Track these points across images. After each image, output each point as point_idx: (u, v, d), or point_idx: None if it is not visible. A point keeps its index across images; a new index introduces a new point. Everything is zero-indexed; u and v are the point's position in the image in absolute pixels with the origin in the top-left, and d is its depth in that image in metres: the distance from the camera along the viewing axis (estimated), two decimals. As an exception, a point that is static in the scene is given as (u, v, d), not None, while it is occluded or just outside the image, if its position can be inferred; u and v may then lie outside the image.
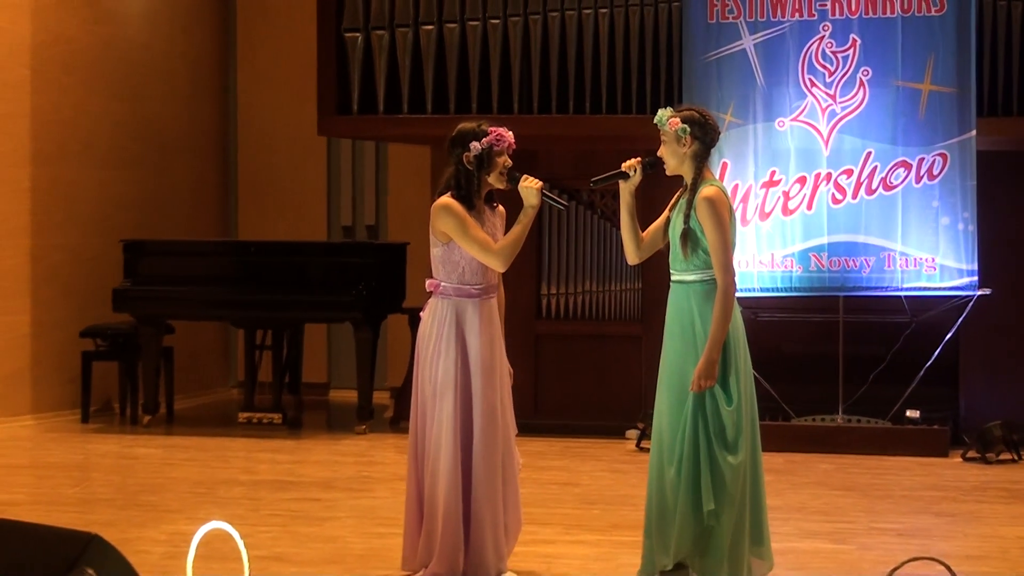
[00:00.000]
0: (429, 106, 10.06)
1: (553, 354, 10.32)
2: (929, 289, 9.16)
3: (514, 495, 5.89)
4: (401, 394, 10.15)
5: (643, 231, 5.76)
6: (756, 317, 9.46)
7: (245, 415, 10.36)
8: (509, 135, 5.80)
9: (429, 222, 5.79)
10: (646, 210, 6.01)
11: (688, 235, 5.55)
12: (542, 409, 10.21)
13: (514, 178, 5.77)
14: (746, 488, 5.55)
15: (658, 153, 5.68)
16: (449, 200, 5.74)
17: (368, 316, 10.06)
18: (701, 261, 5.56)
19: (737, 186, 9.27)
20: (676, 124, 5.59)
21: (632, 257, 5.81)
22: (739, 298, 5.80)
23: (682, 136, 5.59)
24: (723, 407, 5.51)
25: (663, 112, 5.66)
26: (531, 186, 5.73)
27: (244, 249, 10.56)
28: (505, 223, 5.93)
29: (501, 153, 5.76)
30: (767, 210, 9.29)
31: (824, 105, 9.24)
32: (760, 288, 9.32)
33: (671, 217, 5.71)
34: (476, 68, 9.97)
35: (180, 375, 11.11)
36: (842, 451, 9.20)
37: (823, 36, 9.25)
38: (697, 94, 9.26)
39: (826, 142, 9.24)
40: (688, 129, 5.59)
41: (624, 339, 10.18)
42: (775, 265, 9.29)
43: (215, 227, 12.40)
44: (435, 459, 5.71)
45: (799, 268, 9.26)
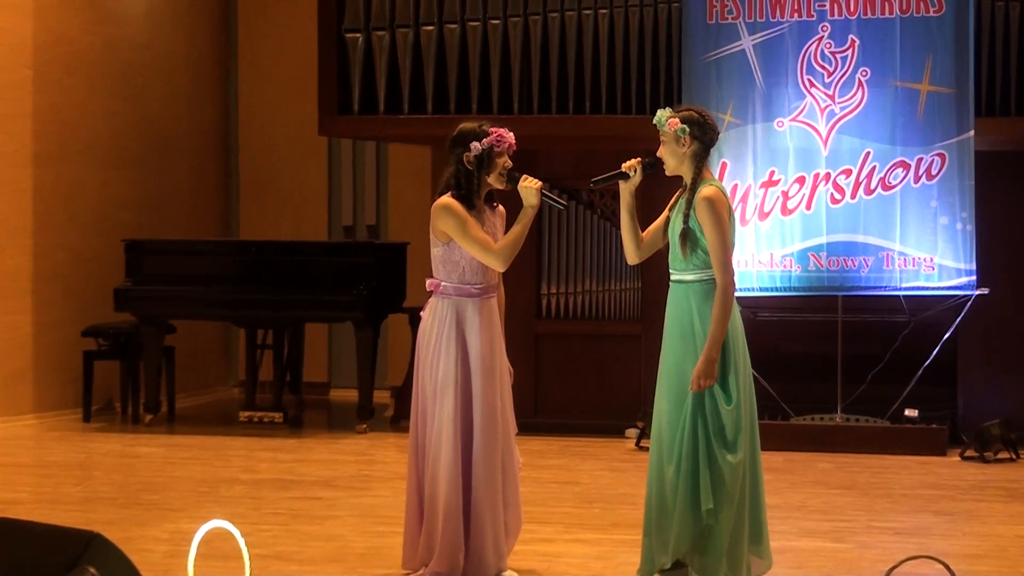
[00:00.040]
0: (429, 106, 10.06)
1: (553, 353, 10.32)
2: (927, 289, 9.16)
3: (514, 494, 5.88)
4: (401, 393, 10.14)
5: (643, 231, 5.76)
6: (755, 317, 9.45)
7: (246, 414, 10.36)
8: (510, 136, 5.79)
9: (429, 222, 5.78)
10: (646, 210, 6.01)
11: (687, 235, 5.55)
12: (542, 408, 10.21)
13: (513, 178, 5.76)
14: (745, 487, 5.54)
15: (657, 153, 5.67)
16: (449, 200, 5.73)
17: (369, 315, 10.05)
18: (700, 261, 5.56)
19: (736, 186, 9.26)
20: (675, 124, 5.59)
21: (632, 257, 5.80)
22: (738, 298, 5.80)
23: (681, 136, 5.59)
24: (722, 406, 5.50)
25: (662, 113, 5.65)
26: (530, 186, 5.72)
27: (245, 249, 10.55)
28: (505, 223, 5.92)
29: (501, 154, 5.75)
30: (766, 210, 9.29)
31: (823, 105, 9.25)
32: (759, 288, 9.32)
33: (671, 217, 5.70)
34: (476, 68, 9.97)
35: (181, 374, 11.10)
36: (841, 450, 9.20)
37: (822, 37, 9.26)
38: (696, 94, 9.26)
39: (825, 142, 9.25)
40: (687, 129, 5.58)
41: (624, 338, 10.17)
42: (774, 265, 9.29)
43: (216, 227, 12.39)
44: (435, 458, 5.70)
45: (798, 268, 9.26)
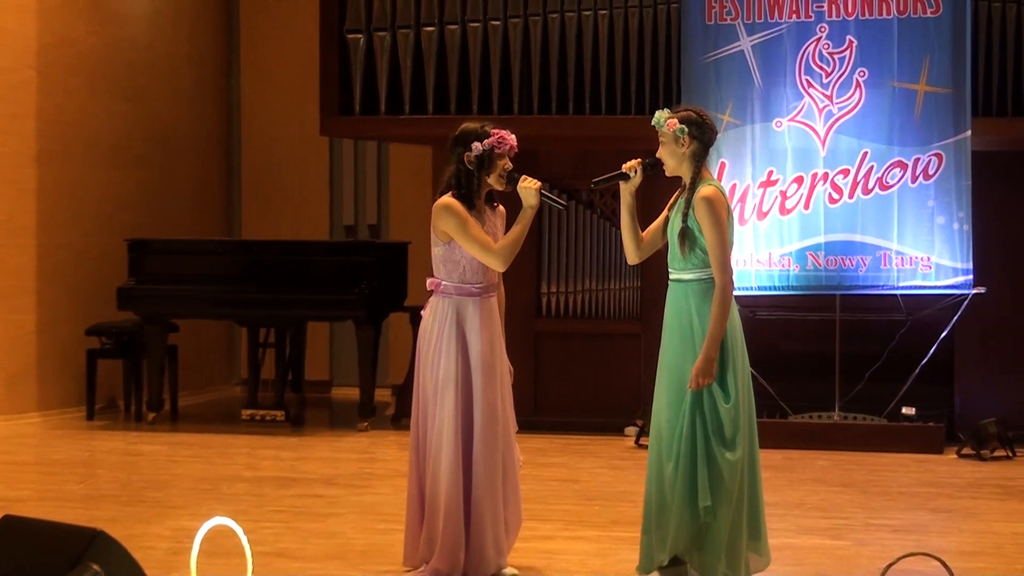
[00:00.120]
0: (430, 106, 10.06)
1: (553, 352, 10.32)
2: (924, 288, 9.18)
3: (514, 492, 5.89)
4: (403, 391, 10.14)
5: (643, 231, 5.77)
6: (754, 315, 9.46)
7: (248, 412, 10.37)
8: (511, 138, 5.79)
9: (430, 221, 5.79)
10: (646, 210, 6.02)
11: (686, 234, 5.57)
12: (542, 406, 10.20)
13: (513, 179, 5.76)
14: (744, 484, 5.56)
15: (657, 154, 5.69)
16: (450, 200, 5.74)
17: (370, 314, 10.06)
18: (699, 260, 5.58)
19: (735, 186, 9.27)
20: (674, 125, 5.61)
21: (632, 257, 5.82)
22: (737, 297, 5.82)
23: (680, 136, 5.61)
24: (721, 404, 5.52)
25: (661, 113, 5.67)
26: (530, 186, 5.73)
27: (247, 248, 10.55)
28: (505, 223, 5.93)
29: (503, 155, 5.75)
30: (765, 209, 9.31)
31: (821, 106, 9.26)
32: (758, 287, 9.33)
33: (670, 216, 5.72)
34: (477, 69, 9.97)
35: (184, 373, 11.11)
36: (839, 448, 9.21)
37: (820, 37, 9.27)
38: (696, 95, 9.26)
39: (823, 142, 9.27)
40: (686, 129, 5.60)
41: (623, 337, 10.17)
42: (772, 264, 9.31)
43: (218, 226, 12.40)
44: (436, 456, 5.71)
45: (796, 267, 9.27)
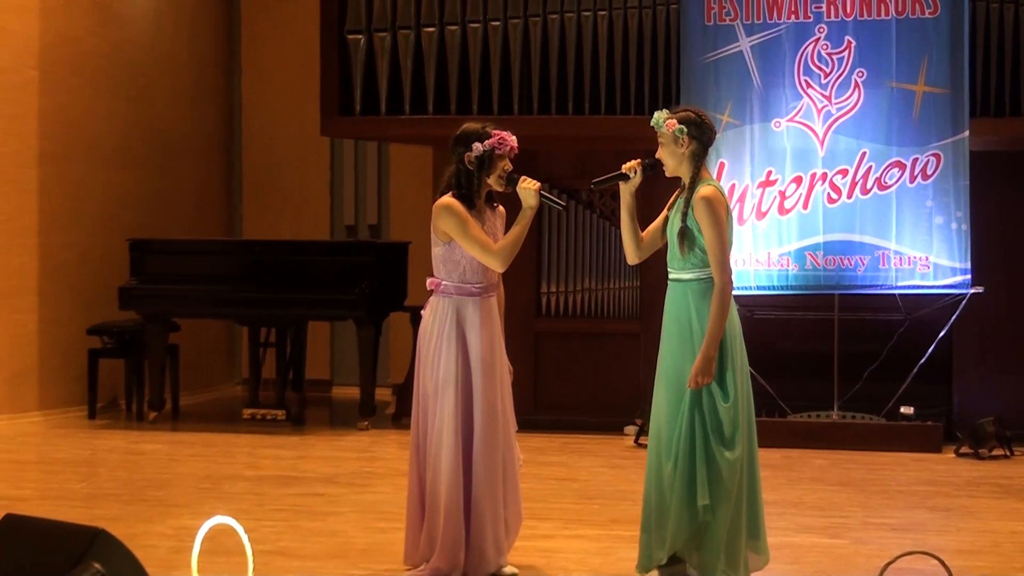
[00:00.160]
0: (430, 107, 10.08)
1: (553, 351, 10.33)
2: (923, 287, 9.19)
3: (514, 491, 5.90)
4: (403, 391, 10.14)
5: (643, 231, 5.79)
6: (753, 315, 9.48)
7: (249, 411, 10.39)
8: (512, 140, 5.80)
9: (430, 221, 5.80)
10: (645, 210, 6.04)
11: (685, 234, 5.59)
12: (542, 405, 10.21)
13: (512, 180, 5.78)
14: (743, 483, 5.58)
15: (656, 155, 5.71)
16: (451, 200, 5.75)
17: (370, 314, 10.08)
18: (698, 259, 5.60)
19: (734, 186, 9.29)
20: (673, 125, 5.63)
21: (632, 257, 5.84)
22: (736, 296, 5.84)
23: (679, 137, 5.63)
24: (720, 403, 5.54)
25: (659, 114, 5.69)
26: (529, 187, 5.74)
27: (248, 248, 10.56)
28: (505, 223, 5.94)
29: (503, 157, 5.76)
30: (763, 209, 9.32)
31: (820, 106, 9.28)
32: (756, 286, 9.34)
33: (669, 216, 5.74)
34: (477, 69, 9.99)
35: (185, 372, 11.12)
36: (837, 447, 9.22)
37: (819, 38, 9.29)
38: (695, 95, 9.28)
39: (822, 142, 9.29)
40: (685, 130, 5.62)
41: (623, 336, 10.18)
42: (771, 263, 9.32)
43: (220, 226, 12.41)
44: (436, 455, 5.72)
45: (795, 267, 9.29)
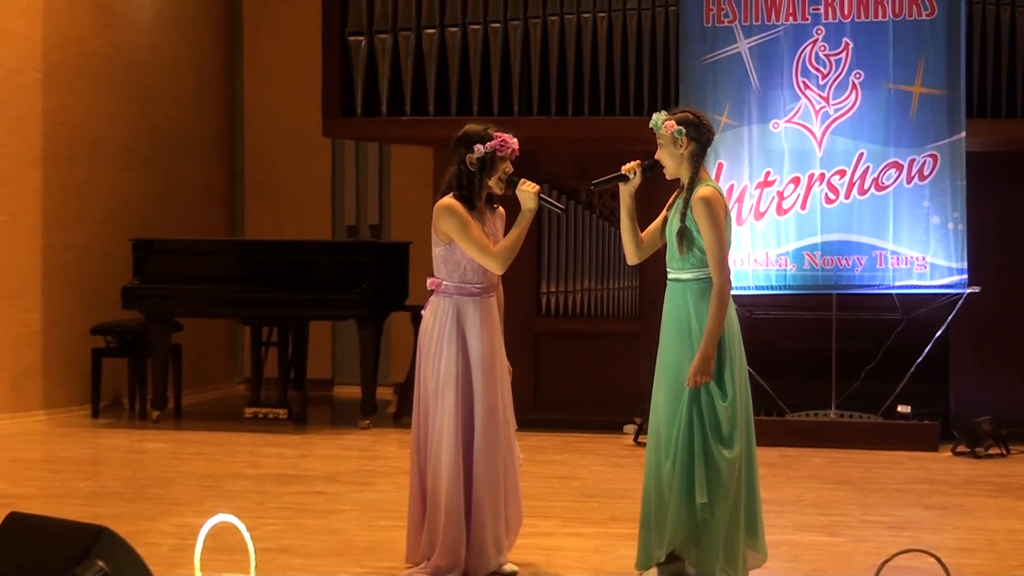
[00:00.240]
0: (431, 108, 10.10)
1: (553, 351, 10.34)
2: (920, 287, 9.20)
3: (515, 489, 5.93)
4: (404, 390, 10.15)
5: (642, 232, 5.83)
6: (751, 315, 9.50)
7: (251, 410, 10.39)
8: (514, 142, 5.82)
9: (431, 222, 5.83)
10: (645, 211, 6.08)
11: (684, 234, 5.62)
12: (542, 404, 10.23)
13: (512, 182, 5.80)
14: (741, 481, 5.61)
15: (656, 156, 5.74)
16: (451, 201, 5.77)
17: (371, 313, 10.10)
18: (697, 259, 5.63)
19: (732, 186, 9.30)
20: (672, 127, 5.66)
21: (632, 258, 5.87)
22: (734, 296, 5.87)
23: (678, 138, 5.66)
24: (718, 402, 5.57)
25: (658, 116, 5.73)
26: (529, 190, 5.76)
27: (250, 248, 10.57)
28: (504, 224, 5.96)
29: (504, 159, 5.79)
30: (762, 210, 9.34)
31: (817, 107, 9.30)
32: (755, 286, 9.36)
33: (668, 216, 5.77)
34: (477, 71, 10.01)
35: (188, 371, 11.15)
36: (835, 445, 9.24)
37: (816, 40, 9.31)
38: (693, 96, 9.31)
39: (819, 143, 9.31)
40: (684, 131, 5.65)
41: (622, 336, 10.19)
42: (770, 264, 9.34)
43: (222, 226, 12.43)
44: (437, 454, 5.75)
45: (793, 266, 9.31)
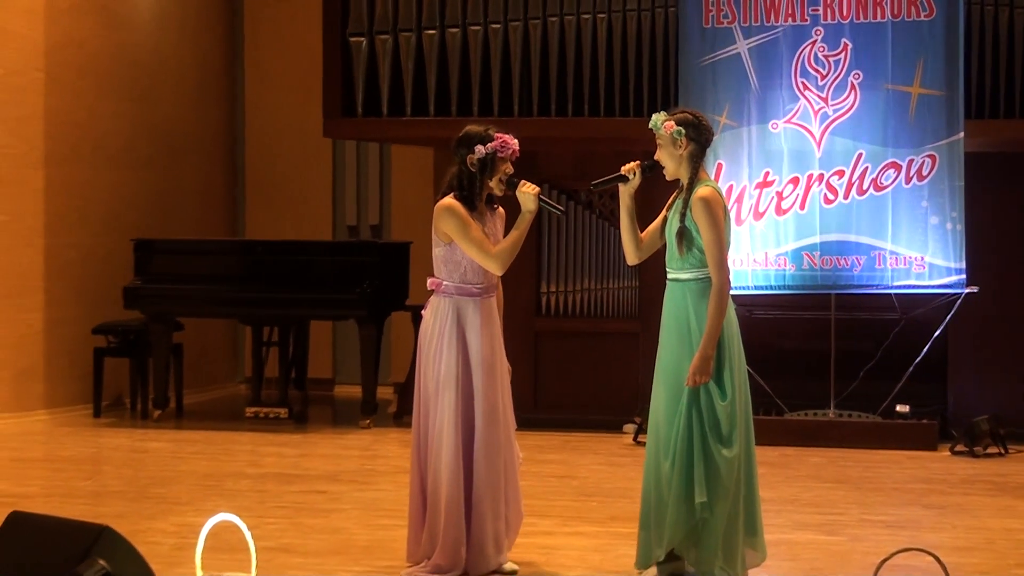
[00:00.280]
0: (432, 108, 10.11)
1: (552, 350, 10.35)
2: (918, 287, 9.22)
3: (514, 489, 5.95)
4: (404, 389, 10.16)
5: (642, 232, 5.84)
6: (750, 314, 9.51)
7: (252, 410, 10.41)
8: (514, 143, 5.83)
9: (432, 222, 5.84)
10: (645, 211, 6.09)
11: (684, 234, 5.64)
12: (542, 404, 10.24)
13: (512, 183, 5.82)
14: (740, 481, 5.63)
15: (655, 157, 5.76)
16: (452, 202, 5.79)
17: (372, 313, 10.11)
18: (696, 259, 5.65)
19: (732, 187, 9.32)
20: (671, 127, 5.68)
21: (632, 258, 5.89)
22: (733, 296, 5.89)
23: (677, 139, 5.68)
24: (717, 402, 5.59)
25: (657, 116, 5.75)
26: (529, 192, 5.77)
27: (251, 248, 10.59)
28: (504, 225, 5.98)
29: (505, 160, 5.81)
30: (761, 210, 9.36)
31: (816, 108, 9.31)
32: (754, 286, 9.38)
33: (668, 217, 5.79)
34: (477, 71, 10.02)
35: (189, 371, 11.16)
36: (834, 445, 9.25)
37: (815, 40, 9.32)
38: (693, 97, 9.32)
39: (818, 144, 9.33)
40: (683, 131, 5.68)
41: (622, 336, 10.20)
42: (769, 264, 9.36)
43: (223, 226, 12.43)
44: (437, 453, 5.76)
45: (792, 266, 9.32)
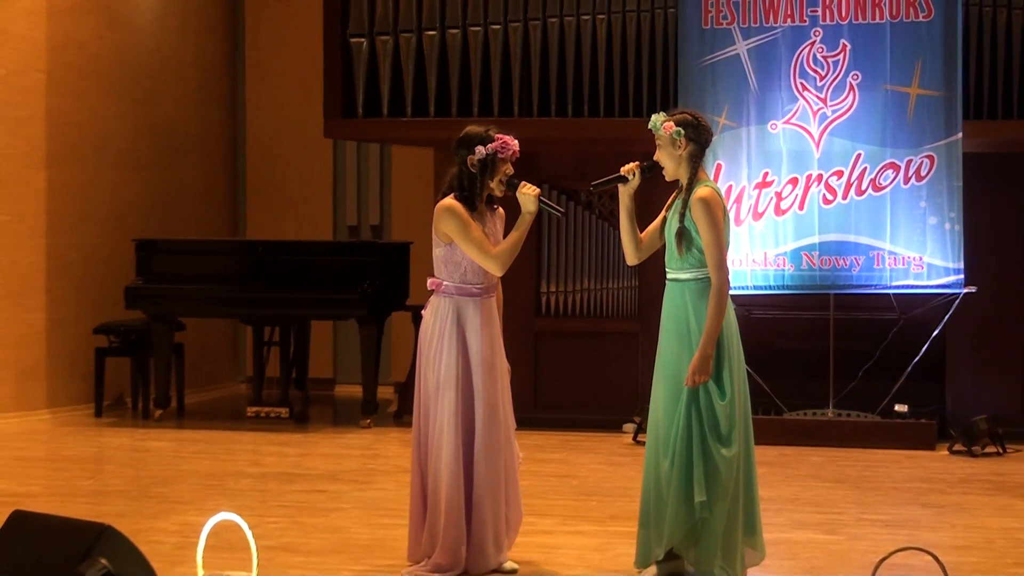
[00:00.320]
0: (432, 109, 10.12)
1: (552, 350, 10.36)
2: (917, 287, 9.23)
3: (515, 488, 5.96)
4: (405, 389, 10.19)
5: (641, 232, 5.86)
6: (750, 314, 9.54)
7: (253, 409, 10.42)
8: (515, 144, 5.84)
9: (432, 222, 5.86)
10: (644, 211, 6.11)
11: (683, 234, 5.66)
12: (541, 403, 10.25)
13: (512, 184, 5.83)
14: (739, 480, 5.64)
15: (654, 157, 5.78)
16: (453, 202, 5.80)
17: (372, 313, 10.13)
18: (695, 260, 5.66)
19: (731, 187, 9.33)
20: (670, 128, 5.70)
21: (631, 258, 5.91)
22: (733, 296, 5.90)
23: (677, 139, 5.70)
24: (717, 401, 5.60)
25: (657, 117, 5.77)
26: (529, 193, 5.79)
27: (252, 248, 10.59)
28: (504, 225, 5.99)
29: (505, 161, 5.82)
30: (760, 210, 9.37)
31: (815, 108, 9.33)
32: (753, 286, 9.39)
33: (667, 217, 5.81)
34: (478, 72, 10.03)
35: (190, 370, 11.18)
36: (833, 444, 9.26)
37: (814, 41, 9.34)
38: (692, 97, 9.34)
39: (817, 144, 9.34)
40: (682, 132, 5.69)
41: (621, 335, 10.21)
42: (768, 264, 9.37)
43: (224, 227, 12.45)
44: (437, 453, 5.78)
45: (791, 267, 9.34)
